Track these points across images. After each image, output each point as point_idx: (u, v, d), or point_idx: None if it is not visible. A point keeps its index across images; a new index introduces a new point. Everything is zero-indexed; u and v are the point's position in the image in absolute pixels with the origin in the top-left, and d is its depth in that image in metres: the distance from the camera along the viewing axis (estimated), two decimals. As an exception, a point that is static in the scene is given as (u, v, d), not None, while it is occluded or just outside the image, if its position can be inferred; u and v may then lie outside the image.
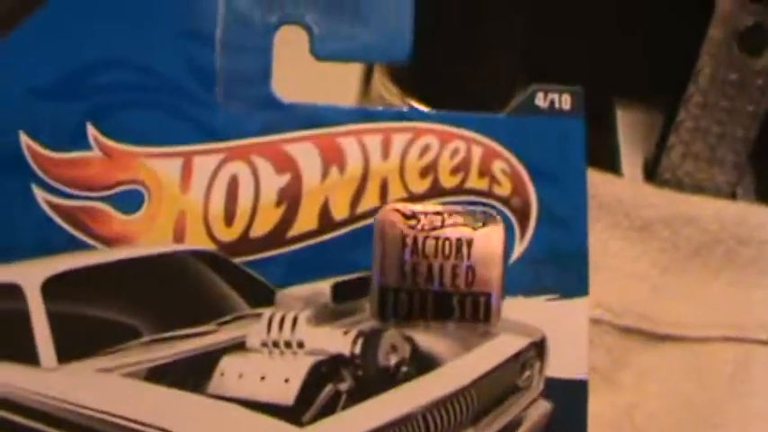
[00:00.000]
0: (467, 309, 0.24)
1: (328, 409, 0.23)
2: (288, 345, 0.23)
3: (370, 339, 0.23)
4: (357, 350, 0.23)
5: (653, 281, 0.38)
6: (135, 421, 0.23)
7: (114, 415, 0.23)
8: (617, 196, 0.37)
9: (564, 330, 0.24)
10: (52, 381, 0.23)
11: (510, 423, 0.24)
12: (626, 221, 0.38)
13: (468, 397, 0.24)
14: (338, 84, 0.32)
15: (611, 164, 0.41)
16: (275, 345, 0.23)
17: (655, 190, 0.40)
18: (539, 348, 0.24)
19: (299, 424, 0.23)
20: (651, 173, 0.43)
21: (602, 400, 0.36)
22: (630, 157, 0.44)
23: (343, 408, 0.23)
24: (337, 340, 0.23)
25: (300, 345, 0.23)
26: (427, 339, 0.24)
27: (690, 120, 0.40)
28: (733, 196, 0.40)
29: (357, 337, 0.23)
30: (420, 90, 0.40)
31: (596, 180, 0.37)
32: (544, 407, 0.24)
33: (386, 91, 0.41)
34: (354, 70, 0.44)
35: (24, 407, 0.23)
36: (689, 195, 0.39)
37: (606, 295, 0.37)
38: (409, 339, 0.24)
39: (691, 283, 0.38)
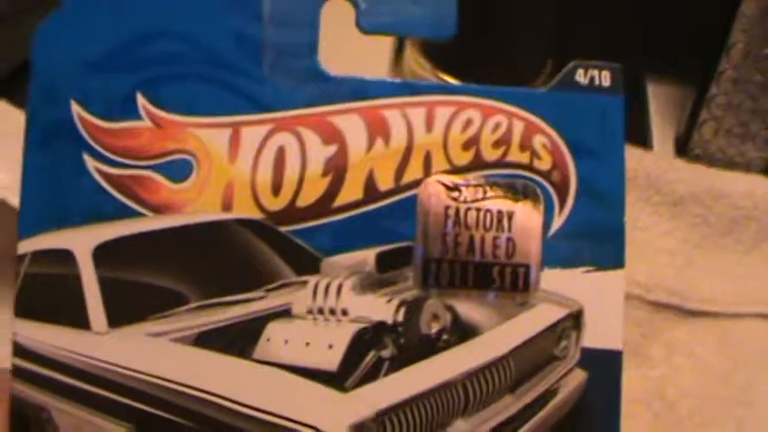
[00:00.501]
0: (506, 279, 0.24)
1: (371, 376, 0.24)
2: (332, 312, 0.24)
3: (413, 308, 0.24)
4: (400, 318, 0.24)
5: (684, 256, 0.38)
6: (183, 384, 0.23)
7: (163, 378, 0.24)
8: (648, 171, 0.38)
9: (600, 302, 0.25)
10: (103, 344, 0.24)
11: (547, 391, 0.25)
12: (657, 196, 0.38)
13: (507, 365, 0.25)
14: (370, 56, 0.32)
15: (642, 139, 0.42)
16: (320, 312, 0.24)
17: (686, 165, 0.40)
18: (575, 319, 0.25)
19: (343, 389, 0.23)
20: (682, 148, 0.43)
21: (633, 373, 0.37)
22: (662, 133, 0.45)
23: (386, 374, 0.24)
24: (380, 308, 0.24)
25: (344, 312, 0.24)
26: (468, 308, 0.24)
27: (722, 95, 0.40)
28: (765, 172, 0.40)
29: (400, 305, 0.24)
30: (450, 64, 0.40)
31: (627, 154, 0.38)
32: (580, 376, 0.25)
33: (417, 65, 0.42)
34: (386, 43, 0.44)
35: (76, 369, 0.24)
36: (721, 171, 0.39)
37: (636, 270, 0.37)
38: (450, 308, 0.24)
39: (722, 260, 0.38)
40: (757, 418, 0.37)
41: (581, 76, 0.25)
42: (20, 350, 0.24)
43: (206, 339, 0.24)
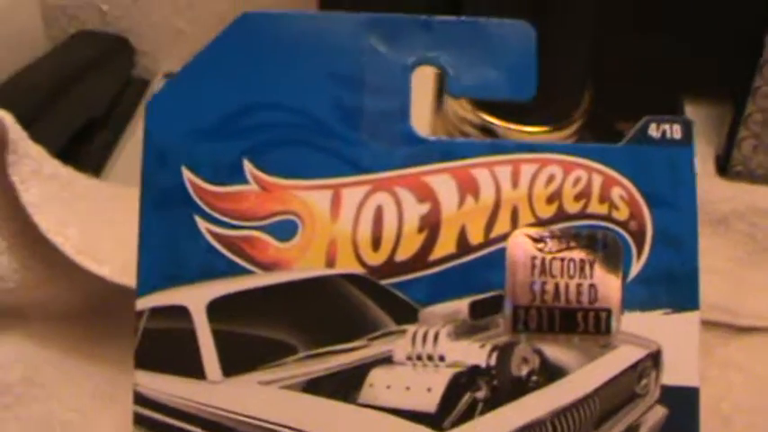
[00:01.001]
0: (590, 323, 0.26)
1: (466, 416, 0.25)
2: (430, 358, 0.26)
3: (504, 352, 0.26)
4: (492, 362, 0.26)
5: (732, 274, 0.39)
6: (294, 429, 0.25)
7: (275, 423, 0.25)
8: None
9: (677, 341, 0.26)
10: (218, 392, 0.26)
11: (629, 427, 0.27)
12: (702, 216, 0.40)
13: (592, 403, 0.26)
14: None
15: None
16: (419, 358, 0.26)
17: (728, 183, 0.41)
18: (655, 358, 0.26)
19: (441, 429, 0.25)
20: (723, 167, 0.44)
21: None
22: (702, 153, 0.45)
23: (480, 414, 0.26)
24: (474, 353, 0.26)
25: (441, 358, 0.26)
26: (555, 351, 0.26)
27: (758, 112, 0.41)
28: None
29: (492, 350, 0.26)
30: (491, 102, 0.42)
31: None
32: (660, 412, 0.26)
33: (458, 105, 0.43)
34: (428, 82, 0.45)
35: (194, 416, 0.26)
36: (762, 187, 0.40)
37: None
38: (538, 351, 0.26)
39: None
40: None
41: (653, 131, 0.27)
42: (140, 399, 0.26)
43: (314, 386, 0.26)
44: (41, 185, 0.36)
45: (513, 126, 0.41)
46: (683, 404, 0.26)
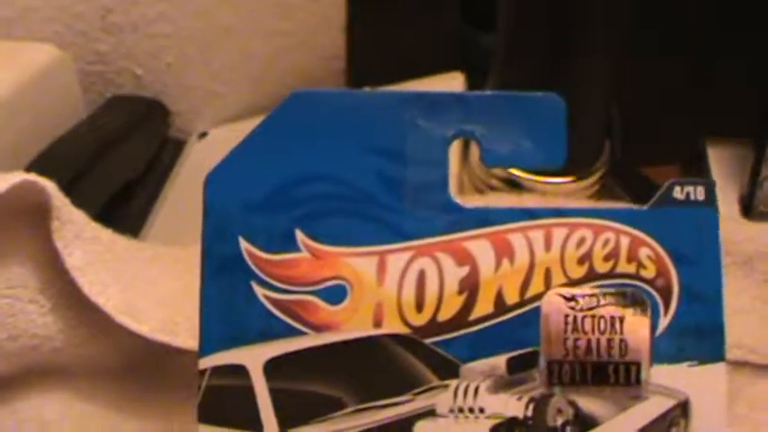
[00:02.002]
0: (620, 375, 0.28)
1: (507, 465, 0.27)
2: (471, 410, 0.28)
3: (540, 403, 0.28)
4: (529, 413, 0.28)
5: (758, 314, 0.39)
6: (346, 478, 0.27)
7: (328, 473, 0.27)
8: None
9: (704, 391, 0.28)
10: (276, 446, 0.28)
11: (660, 473, 0.28)
12: (727, 258, 0.39)
13: (624, 451, 0.28)
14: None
15: None
16: (461, 410, 0.28)
17: (752, 224, 0.41)
18: (683, 408, 0.28)
19: (483, 478, 0.27)
20: (747, 207, 0.45)
21: None
22: (726, 194, 0.46)
23: (520, 463, 0.27)
24: (512, 405, 0.28)
25: (481, 410, 0.28)
26: (588, 402, 0.28)
27: None
28: None
29: (529, 402, 0.28)
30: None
31: None
32: (689, 459, 0.28)
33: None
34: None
35: (253, 467, 0.28)
36: None
37: None
38: (572, 403, 0.28)
39: None
40: None
41: (678, 193, 0.28)
42: (205, 452, 0.28)
43: (364, 439, 0.28)
44: (84, 249, 0.38)
45: (537, 178, 0.43)
46: (710, 451, 0.28)
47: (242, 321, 0.28)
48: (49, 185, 0.37)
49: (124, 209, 0.49)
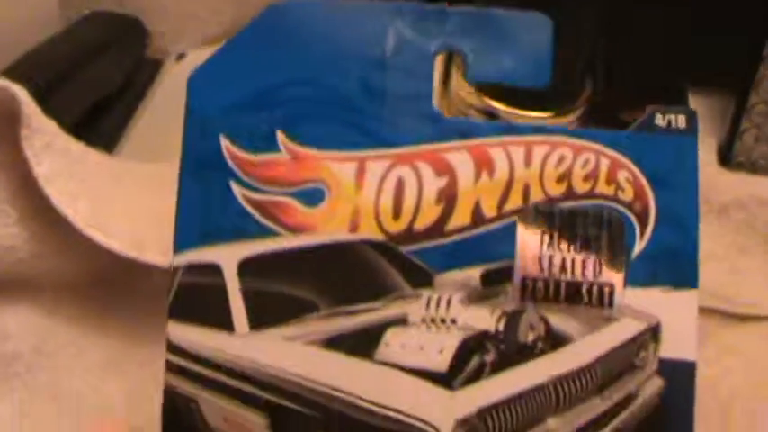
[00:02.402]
0: (593, 296, 0.28)
1: (475, 377, 0.27)
2: (443, 321, 0.28)
3: (512, 319, 0.28)
4: (501, 327, 0.28)
5: (731, 262, 0.40)
6: (313, 381, 0.27)
7: (296, 375, 0.27)
8: None
9: (676, 317, 0.28)
10: (244, 345, 0.28)
11: (628, 396, 0.28)
12: (703, 206, 0.39)
13: (593, 371, 0.28)
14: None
15: None
16: (432, 321, 0.28)
17: (729, 174, 0.41)
18: (654, 332, 0.28)
19: (451, 388, 0.27)
20: (725, 157, 0.44)
21: None
22: (705, 143, 0.44)
23: (488, 376, 0.27)
24: (484, 318, 0.28)
25: (453, 321, 0.28)
26: (559, 321, 0.28)
27: (762, 103, 0.42)
28: None
29: (501, 316, 0.28)
30: (494, 88, 0.42)
31: None
32: (657, 383, 0.28)
33: (464, 91, 0.43)
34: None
35: (221, 365, 0.28)
36: (763, 178, 0.41)
37: None
38: (544, 320, 0.28)
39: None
40: None
41: (659, 120, 0.29)
42: (173, 348, 0.28)
43: (333, 343, 0.27)
44: (53, 159, 0.37)
45: (515, 111, 0.42)
46: (679, 377, 0.28)
47: (218, 219, 0.28)
48: (21, 92, 0.36)
49: (97, 126, 0.48)
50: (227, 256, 0.28)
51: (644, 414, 0.28)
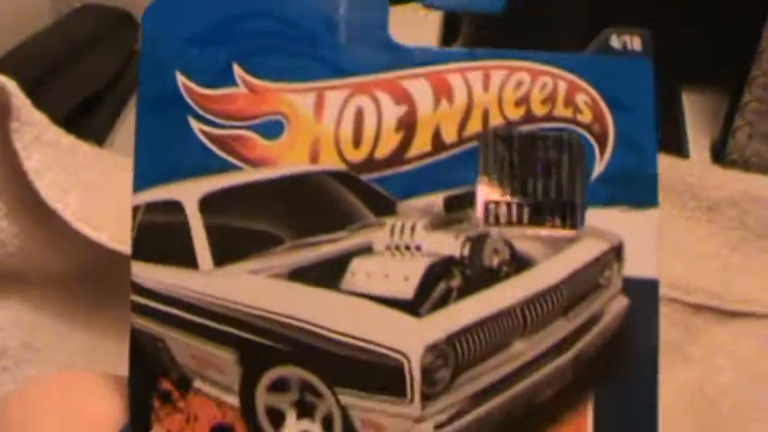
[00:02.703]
0: (556, 217, 0.28)
1: (441, 303, 0.27)
2: (407, 248, 0.28)
3: (477, 243, 0.28)
4: (466, 252, 0.28)
5: (722, 259, 0.39)
6: (280, 314, 0.27)
7: (263, 309, 0.27)
8: (683, 178, 0.39)
9: (637, 236, 0.28)
10: (209, 282, 0.27)
11: (593, 316, 0.29)
12: (693, 202, 0.39)
13: (559, 293, 0.28)
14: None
15: (678, 147, 0.42)
16: (397, 248, 0.28)
17: (721, 170, 0.40)
18: (617, 252, 0.28)
19: (417, 315, 0.27)
20: (718, 154, 0.44)
21: (674, 373, 0.38)
22: (698, 140, 0.45)
23: (454, 302, 0.27)
24: (449, 244, 0.28)
25: (418, 248, 0.28)
26: (524, 244, 0.28)
27: (755, 101, 0.41)
28: None
29: (465, 241, 0.28)
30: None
31: (663, 163, 0.35)
32: (622, 302, 0.28)
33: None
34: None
35: (187, 303, 0.27)
36: (756, 175, 0.40)
37: (675, 273, 0.38)
38: (509, 243, 0.28)
39: (760, 261, 0.39)
40: None
41: (615, 42, 0.29)
42: (137, 288, 0.28)
43: (299, 274, 0.27)
44: (43, 152, 0.37)
45: None
46: (643, 295, 0.28)
47: (177, 156, 0.28)
48: (10, 84, 0.36)
49: (88, 119, 0.48)
50: (188, 193, 0.28)
51: (610, 333, 0.29)
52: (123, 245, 0.37)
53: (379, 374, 0.27)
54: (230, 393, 0.28)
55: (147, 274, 0.28)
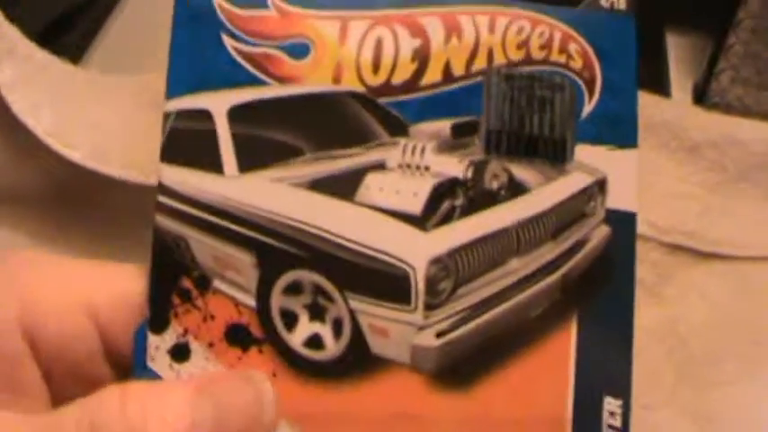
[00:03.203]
0: (549, 150, 0.31)
1: (446, 220, 0.30)
2: (417, 167, 0.30)
3: (479, 167, 0.30)
4: (469, 175, 0.30)
5: (700, 201, 0.39)
6: (298, 220, 0.29)
7: (282, 215, 0.29)
8: (665, 118, 0.39)
9: (619, 173, 0.31)
10: (233, 186, 0.29)
11: (578, 241, 0.32)
12: (674, 142, 0.39)
13: (550, 218, 0.31)
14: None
15: (660, 88, 0.42)
16: (408, 167, 0.30)
17: (703, 112, 0.40)
18: (601, 185, 0.31)
19: (424, 229, 0.29)
20: (700, 97, 0.43)
21: (648, 311, 0.38)
22: (680, 82, 0.45)
23: (457, 219, 0.30)
24: (454, 166, 0.30)
25: (427, 168, 0.30)
26: (520, 171, 0.31)
27: (740, 44, 0.41)
28: None
29: (469, 165, 0.30)
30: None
31: (645, 102, 0.37)
32: (604, 231, 0.31)
33: None
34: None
35: (211, 206, 0.29)
36: (737, 118, 0.40)
37: (653, 213, 0.38)
38: (507, 170, 0.31)
39: (738, 204, 0.39)
40: (766, 357, 0.39)
41: (604, 1, 0.32)
42: (164, 190, 0.29)
43: (317, 185, 0.29)
44: (16, 66, 0.37)
45: None
46: (623, 225, 0.31)
47: (209, 68, 0.30)
48: None
49: (64, 37, 0.48)
50: (218, 103, 0.30)
51: (593, 257, 0.31)
52: (95, 163, 0.37)
53: (386, 282, 0.29)
54: (247, 294, 0.29)
55: (174, 176, 0.29)
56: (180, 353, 0.29)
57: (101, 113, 0.38)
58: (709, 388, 0.38)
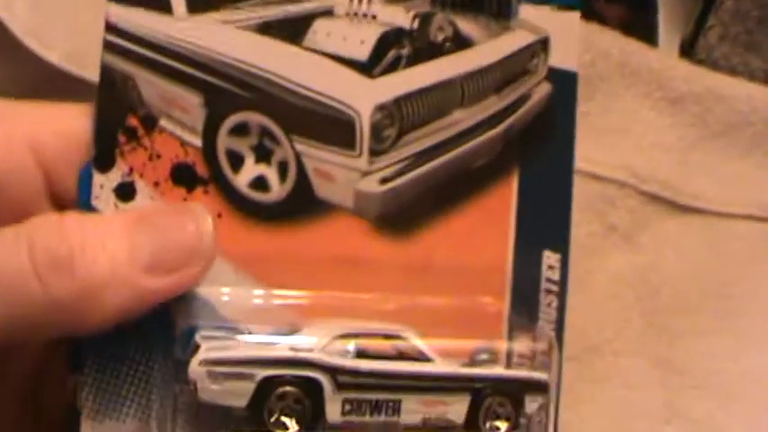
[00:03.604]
0: (494, 6, 0.32)
1: (392, 68, 0.30)
2: (365, 15, 0.31)
3: (425, 19, 0.31)
4: (415, 26, 0.31)
5: (680, 153, 0.39)
6: (246, 63, 0.29)
7: (230, 57, 0.29)
8: (650, 66, 0.39)
9: (562, 33, 0.32)
10: (182, 27, 0.29)
11: (521, 96, 0.32)
12: (658, 92, 0.39)
13: (494, 72, 0.32)
14: None
15: (648, 39, 0.41)
16: (355, 14, 0.31)
17: (688, 65, 0.40)
18: (543, 43, 0.32)
19: (371, 76, 0.30)
20: (687, 52, 0.43)
21: (620, 257, 0.39)
22: (668, 36, 0.44)
23: (403, 68, 0.30)
24: (401, 17, 0.31)
25: (374, 17, 0.31)
26: (466, 25, 0.31)
27: (730, 1, 0.41)
28: (767, 83, 0.41)
29: (415, 16, 0.31)
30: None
31: (632, 48, 0.38)
32: (546, 88, 0.32)
33: None
34: None
35: (159, 45, 0.29)
36: (723, 75, 0.40)
37: (632, 161, 0.39)
38: (453, 23, 0.31)
39: (717, 160, 0.39)
40: (736, 311, 0.39)
41: None
42: (111, 28, 0.29)
43: (266, 28, 0.30)
44: None
45: None
46: (564, 83, 0.32)
47: None
48: None
49: None
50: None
51: (535, 113, 0.32)
52: (72, 65, 0.36)
53: (332, 127, 0.30)
54: (193, 134, 0.30)
55: (122, 14, 0.29)
56: (125, 192, 0.29)
57: (81, 15, 0.37)
58: (678, 338, 0.39)
